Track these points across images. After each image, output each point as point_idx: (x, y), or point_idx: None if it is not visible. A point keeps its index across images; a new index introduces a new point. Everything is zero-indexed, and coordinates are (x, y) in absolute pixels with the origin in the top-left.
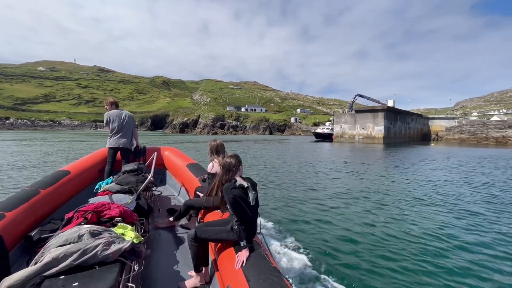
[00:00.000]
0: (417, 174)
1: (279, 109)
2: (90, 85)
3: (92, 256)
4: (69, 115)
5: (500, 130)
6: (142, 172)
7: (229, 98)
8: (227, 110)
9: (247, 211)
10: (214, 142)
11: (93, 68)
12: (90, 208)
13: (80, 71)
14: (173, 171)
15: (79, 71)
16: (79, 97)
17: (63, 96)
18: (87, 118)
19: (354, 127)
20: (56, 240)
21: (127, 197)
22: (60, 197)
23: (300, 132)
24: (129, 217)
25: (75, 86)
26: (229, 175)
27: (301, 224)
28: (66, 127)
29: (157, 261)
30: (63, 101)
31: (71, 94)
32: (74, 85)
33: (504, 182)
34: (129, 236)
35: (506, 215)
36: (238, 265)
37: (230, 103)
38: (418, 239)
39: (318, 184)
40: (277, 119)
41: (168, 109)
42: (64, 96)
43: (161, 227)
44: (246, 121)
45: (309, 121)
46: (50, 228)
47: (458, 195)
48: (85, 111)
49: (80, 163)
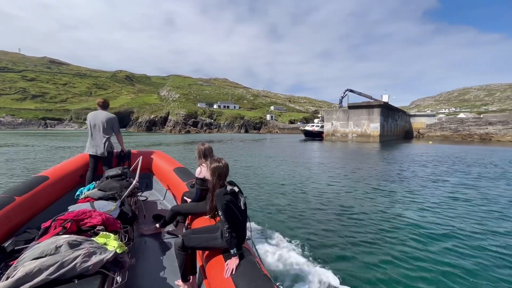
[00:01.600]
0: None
1: (253, 106)
2: (38, 77)
3: (71, 269)
4: (11, 111)
5: (481, 127)
6: (127, 177)
7: (199, 94)
8: (199, 107)
9: (238, 217)
10: (202, 146)
11: (42, 60)
12: (70, 217)
13: (26, 62)
14: (159, 175)
15: (24, 62)
16: (24, 91)
17: (4, 90)
18: (33, 115)
19: (347, 125)
20: (31, 252)
21: (110, 203)
22: (37, 205)
23: (277, 130)
24: (112, 225)
25: (19, 79)
26: (222, 180)
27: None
28: (7, 126)
29: (143, 271)
30: (4, 95)
31: (13, 87)
32: (18, 78)
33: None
34: (112, 246)
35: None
36: (227, 274)
37: (201, 100)
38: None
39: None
40: (252, 116)
41: (132, 105)
42: (5, 90)
43: (147, 234)
44: (220, 118)
45: (284, 118)
46: (25, 238)
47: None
48: (31, 107)
49: (59, 168)
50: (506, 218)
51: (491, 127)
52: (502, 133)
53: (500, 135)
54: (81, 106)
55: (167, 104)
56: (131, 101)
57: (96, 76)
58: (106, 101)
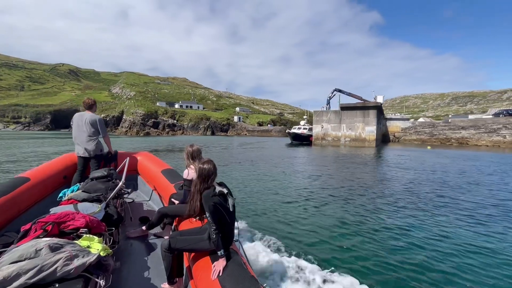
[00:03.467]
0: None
1: (218, 107)
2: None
3: (51, 273)
4: None
5: (455, 131)
6: (113, 179)
7: (158, 93)
8: (159, 106)
9: (226, 218)
10: (191, 148)
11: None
12: (51, 219)
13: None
14: (146, 177)
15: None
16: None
17: None
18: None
19: (339, 128)
20: (9, 256)
21: (94, 205)
22: (16, 207)
23: (246, 132)
24: (97, 227)
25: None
26: (208, 182)
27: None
28: None
29: (128, 274)
30: None
31: None
32: None
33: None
34: (95, 249)
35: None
36: (214, 275)
37: (161, 99)
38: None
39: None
40: (219, 117)
41: (77, 103)
42: None
43: (133, 236)
44: (184, 119)
45: (252, 120)
46: (3, 241)
47: None
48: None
49: (42, 169)
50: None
51: (465, 132)
52: (476, 137)
53: (475, 139)
54: (9, 102)
55: (121, 103)
56: (76, 98)
57: (30, 68)
58: (91, 101)
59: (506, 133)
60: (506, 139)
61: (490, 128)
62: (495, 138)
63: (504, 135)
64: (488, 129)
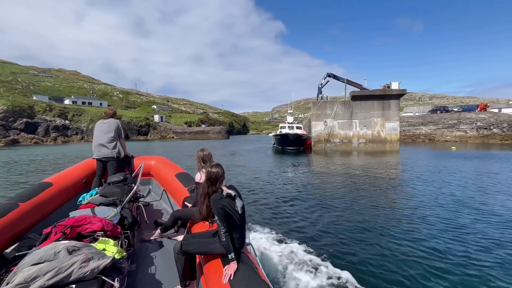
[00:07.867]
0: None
1: (130, 105)
2: None
3: (68, 275)
4: None
5: (416, 127)
6: (128, 183)
7: (35, 85)
8: (36, 100)
9: (235, 221)
10: (202, 152)
11: None
12: (70, 223)
13: None
14: (161, 181)
15: None
16: None
17: None
18: None
19: (349, 125)
20: (30, 258)
21: (111, 209)
22: (40, 211)
23: (173, 135)
24: (112, 230)
25: None
26: (216, 186)
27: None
28: None
29: (143, 276)
30: None
31: None
32: None
33: None
34: (111, 252)
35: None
36: (225, 279)
37: (40, 92)
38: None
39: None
40: (134, 117)
41: None
42: None
43: (148, 239)
44: (80, 119)
45: (178, 120)
46: (28, 244)
47: None
48: None
49: (64, 174)
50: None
51: (425, 127)
52: (439, 133)
53: (439, 135)
54: None
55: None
56: None
57: None
58: (112, 111)
59: (466, 128)
60: (467, 134)
61: (448, 123)
62: (458, 133)
63: (465, 130)
64: (446, 125)
